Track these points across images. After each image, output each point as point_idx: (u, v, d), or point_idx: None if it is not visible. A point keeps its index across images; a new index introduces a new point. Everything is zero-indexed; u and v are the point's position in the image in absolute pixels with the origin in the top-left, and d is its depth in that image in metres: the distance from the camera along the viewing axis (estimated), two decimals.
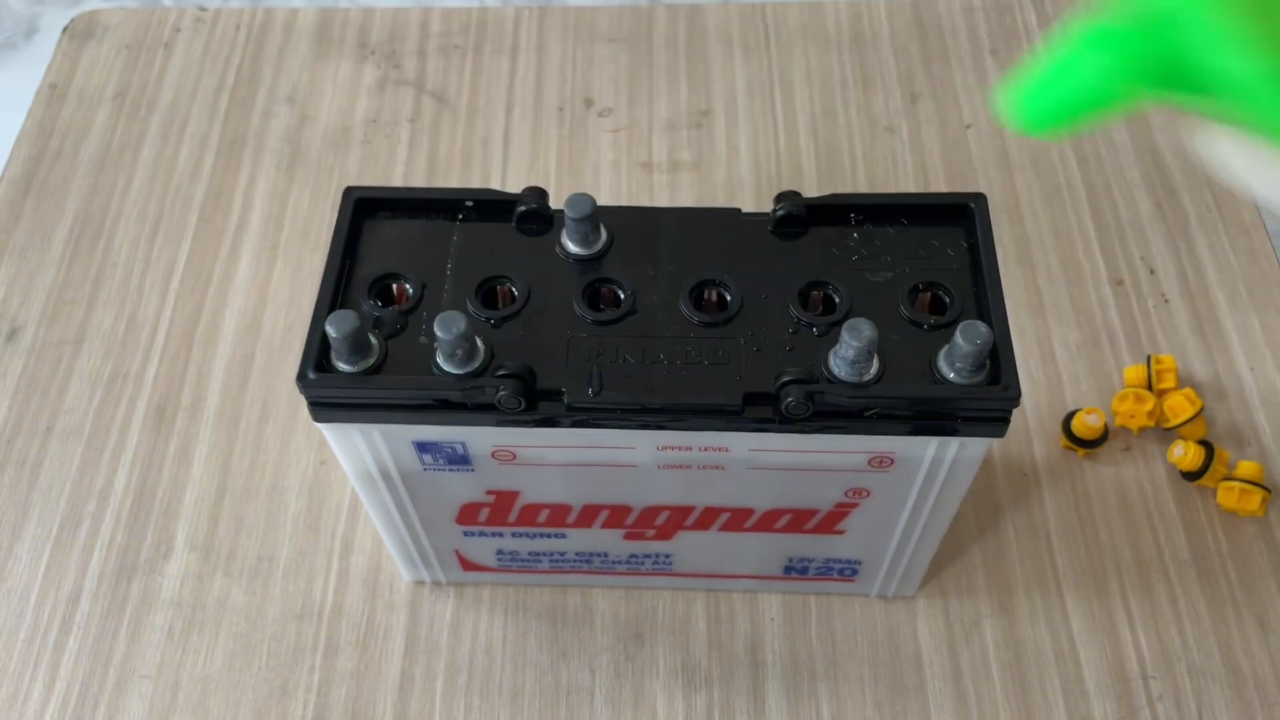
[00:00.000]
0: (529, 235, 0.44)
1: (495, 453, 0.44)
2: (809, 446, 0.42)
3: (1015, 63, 0.76)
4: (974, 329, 0.38)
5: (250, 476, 0.59)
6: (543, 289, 0.43)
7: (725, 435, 0.41)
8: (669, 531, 0.49)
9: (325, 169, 0.71)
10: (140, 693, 0.52)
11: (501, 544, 0.51)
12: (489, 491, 0.47)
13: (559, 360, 0.41)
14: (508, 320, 0.42)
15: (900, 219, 0.44)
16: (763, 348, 0.41)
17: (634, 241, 0.44)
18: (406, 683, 0.53)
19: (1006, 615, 0.54)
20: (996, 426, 0.40)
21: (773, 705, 0.52)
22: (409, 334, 0.41)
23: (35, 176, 0.71)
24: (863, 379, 0.39)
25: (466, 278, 0.43)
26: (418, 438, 0.43)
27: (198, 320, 0.65)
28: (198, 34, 0.79)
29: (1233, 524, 0.56)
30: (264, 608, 0.55)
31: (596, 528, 0.49)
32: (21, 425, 0.61)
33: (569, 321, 0.42)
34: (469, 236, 0.44)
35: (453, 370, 0.40)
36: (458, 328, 0.38)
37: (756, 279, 0.43)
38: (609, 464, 0.44)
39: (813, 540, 0.49)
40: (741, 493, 0.46)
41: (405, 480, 0.46)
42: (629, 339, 0.41)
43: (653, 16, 0.79)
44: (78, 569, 0.56)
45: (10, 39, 1.56)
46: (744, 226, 0.44)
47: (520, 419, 0.40)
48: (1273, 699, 0.51)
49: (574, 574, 0.54)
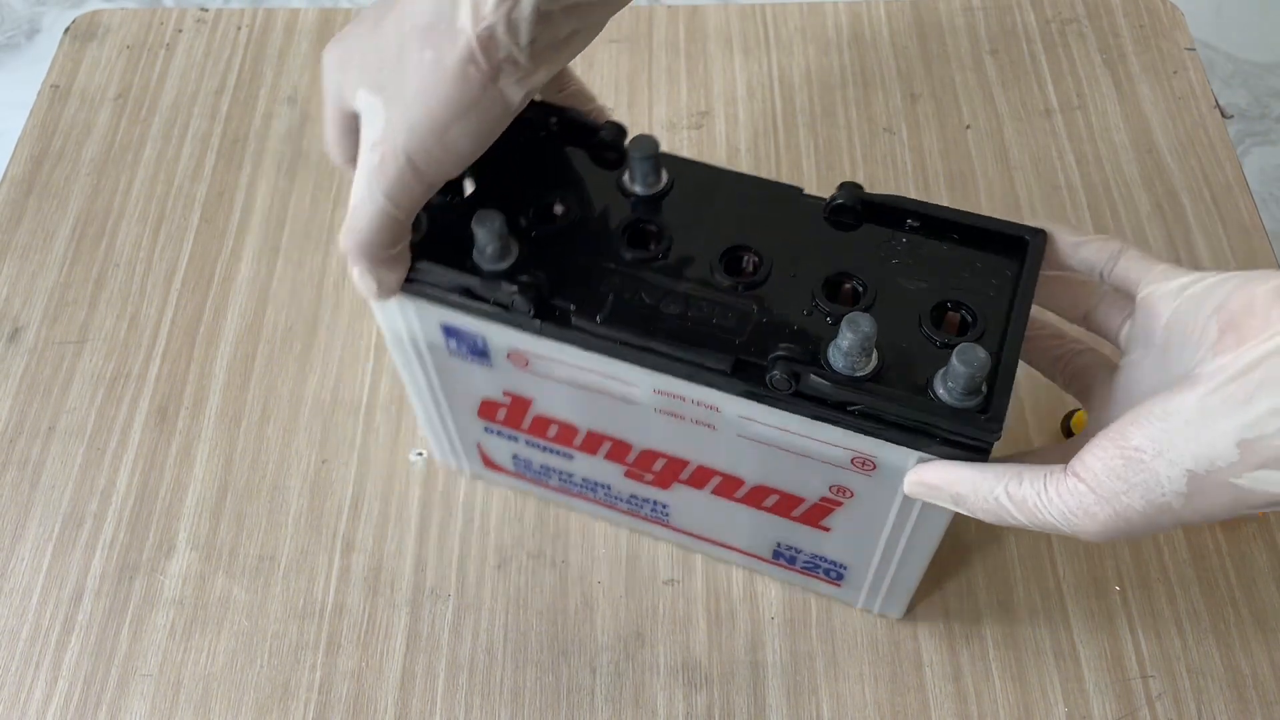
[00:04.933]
0: (600, 165, 0.47)
1: (511, 355, 0.46)
2: (792, 427, 0.42)
3: (1015, 63, 0.76)
4: (971, 353, 0.37)
5: (252, 476, 0.59)
6: (593, 216, 0.45)
7: (715, 395, 0.42)
8: (666, 480, 0.50)
9: (326, 169, 0.71)
10: (142, 691, 0.53)
11: (517, 449, 0.53)
12: (505, 393, 0.49)
13: (582, 282, 0.43)
14: (552, 236, 0.44)
15: (954, 234, 0.44)
16: (772, 322, 0.42)
17: (691, 195, 0.46)
18: (407, 681, 0.53)
19: (1006, 615, 0.54)
20: (975, 454, 0.39)
21: (773, 705, 0.52)
22: (457, 225, 0.44)
23: (37, 177, 0.71)
24: (854, 373, 0.39)
25: (526, 187, 0.46)
26: (445, 321, 0.46)
27: (199, 320, 0.65)
28: (199, 35, 0.79)
29: (1232, 523, 0.57)
30: (265, 606, 0.55)
31: (600, 457, 0.51)
32: (24, 425, 0.61)
33: (605, 251, 0.44)
34: (543, 152, 0.47)
35: (482, 265, 0.43)
36: (492, 226, 0.41)
37: (791, 256, 0.43)
38: (611, 394, 0.45)
39: (799, 530, 0.49)
40: (731, 459, 0.47)
41: (435, 361, 0.49)
42: (652, 281, 0.43)
43: (653, 17, 0.79)
44: (80, 568, 0.56)
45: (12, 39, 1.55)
46: (799, 205, 0.45)
47: (527, 325, 0.43)
48: (1272, 699, 0.52)
49: (579, 499, 0.55)
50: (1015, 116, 0.73)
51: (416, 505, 0.58)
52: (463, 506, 0.58)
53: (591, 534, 0.57)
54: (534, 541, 0.57)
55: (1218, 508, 0.34)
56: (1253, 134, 1.44)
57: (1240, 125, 1.44)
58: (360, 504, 0.58)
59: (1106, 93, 0.74)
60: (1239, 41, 1.52)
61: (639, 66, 0.76)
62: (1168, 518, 0.35)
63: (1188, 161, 0.71)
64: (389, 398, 0.62)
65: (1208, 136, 0.72)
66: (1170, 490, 0.35)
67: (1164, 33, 0.78)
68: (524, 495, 0.58)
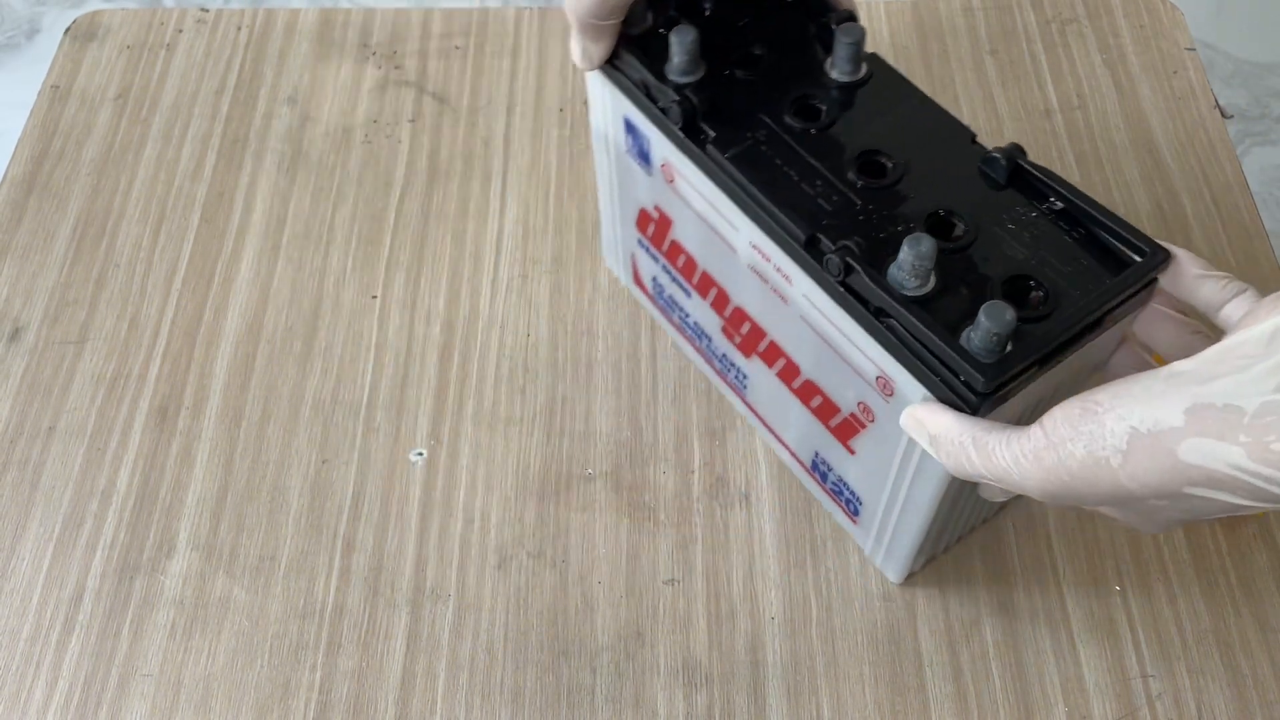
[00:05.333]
0: (819, 42, 0.50)
1: (664, 166, 0.52)
2: (838, 322, 0.45)
3: (1015, 63, 0.76)
4: (998, 310, 0.38)
5: (252, 476, 0.59)
6: (783, 76, 0.49)
7: (789, 264, 0.46)
8: (748, 348, 0.55)
9: (326, 169, 0.71)
10: (142, 692, 0.53)
11: (656, 272, 0.59)
12: (656, 207, 0.55)
13: (735, 121, 0.47)
14: (737, 77, 0.49)
15: (1082, 229, 0.44)
16: (868, 223, 0.44)
17: (876, 96, 0.49)
18: (408, 681, 0.53)
19: (1006, 614, 0.54)
20: (965, 406, 0.40)
21: (773, 705, 0.52)
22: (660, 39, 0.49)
23: (37, 177, 0.71)
24: (901, 288, 0.41)
25: (745, 31, 0.50)
26: (627, 115, 0.52)
27: (200, 320, 0.65)
28: (199, 35, 0.79)
29: (1232, 523, 0.57)
30: (266, 607, 0.55)
31: (708, 303, 0.56)
32: (24, 425, 0.61)
33: (772, 107, 0.48)
34: (782, 12, 0.51)
35: (668, 74, 0.48)
36: (684, 40, 0.47)
37: (923, 183, 0.45)
38: (721, 237, 0.51)
39: (833, 446, 0.52)
40: (794, 341, 0.50)
41: (617, 160, 0.56)
42: (792, 147, 0.47)
43: None
44: (80, 568, 0.56)
45: (12, 39, 1.56)
46: (962, 146, 0.47)
47: (672, 135, 0.49)
48: (1272, 698, 0.52)
49: (689, 343, 0.61)
50: (1015, 116, 0.73)
51: (416, 505, 0.58)
52: (463, 506, 0.58)
53: (592, 534, 0.57)
54: (534, 541, 0.57)
55: (1153, 476, 0.35)
56: (1252, 134, 1.44)
57: (1240, 125, 1.44)
58: (360, 504, 0.58)
59: (1106, 93, 0.74)
60: (1239, 41, 1.52)
61: None
62: (1105, 476, 0.36)
63: (1187, 161, 0.71)
64: (389, 398, 0.62)
65: (1207, 136, 0.72)
66: (1110, 445, 0.35)
67: (1164, 32, 0.78)
68: (524, 495, 0.58)
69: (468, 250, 0.67)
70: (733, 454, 0.59)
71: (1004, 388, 0.40)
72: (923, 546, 0.51)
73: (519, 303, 0.65)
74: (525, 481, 0.59)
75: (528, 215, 0.69)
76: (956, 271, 0.42)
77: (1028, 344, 0.40)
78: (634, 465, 0.59)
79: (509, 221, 0.69)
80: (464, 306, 0.65)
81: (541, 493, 0.58)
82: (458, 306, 0.65)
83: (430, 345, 0.64)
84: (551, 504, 0.58)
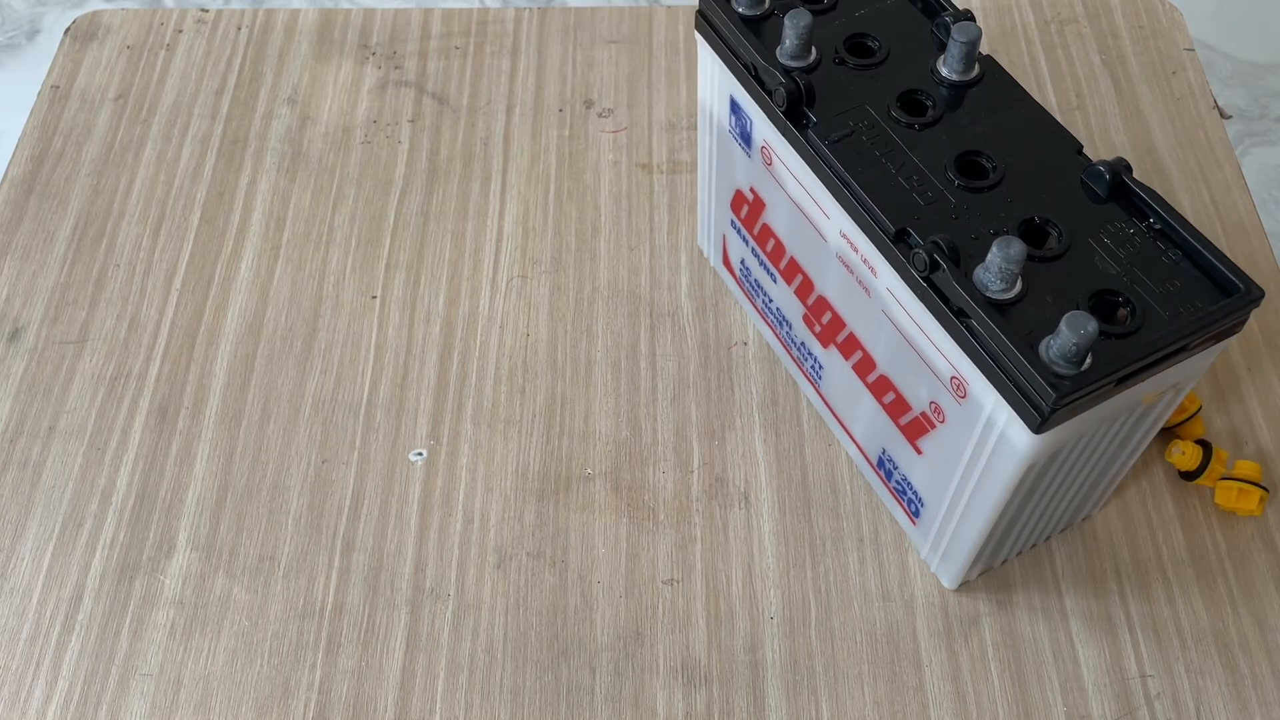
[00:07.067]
0: (935, 39, 0.51)
1: (764, 148, 0.52)
2: (919, 319, 0.45)
3: (1015, 63, 0.76)
4: (1079, 320, 0.38)
5: (252, 476, 0.59)
6: (894, 71, 0.49)
7: (876, 256, 0.46)
8: (827, 338, 0.55)
9: (326, 169, 0.71)
10: (142, 691, 0.53)
11: (745, 254, 0.60)
12: (751, 189, 0.56)
13: (840, 109, 0.48)
14: (848, 66, 0.50)
15: (1179, 251, 0.43)
16: (960, 222, 0.44)
17: (986, 98, 0.49)
18: (407, 681, 0.53)
19: (1005, 614, 0.54)
20: (1030, 413, 0.40)
21: (773, 705, 0.52)
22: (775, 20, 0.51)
23: (38, 177, 0.71)
24: (985, 290, 0.41)
25: (865, 24, 0.51)
26: (733, 93, 0.52)
27: (199, 320, 0.65)
28: (199, 35, 0.79)
29: (1231, 523, 0.57)
30: (266, 606, 0.55)
31: (793, 290, 0.56)
32: (24, 425, 0.61)
33: (879, 100, 0.48)
34: (901, 10, 0.52)
35: (779, 57, 0.49)
36: (797, 24, 0.47)
37: (1023, 190, 0.45)
38: (812, 223, 0.51)
39: (901, 445, 0.52)
40: (872, 335, 0.50)
41: (719, 140, 0.56)
42: (894, 140, 0.47)
43: (653, 17, 0.79)
44: (80, 568, 0.56)
45: (12, 40, 1.56)
46: (1065, 154, 0.47)
47: (774, 117, 0.49)
48: (1271, 699, 0.52)
49: (769, 328, 0.61)
50: None
51: (416, 505, 0.58)
52: (462, 506, 0.58)
53: (591, 534, 0.57)
54: (533, 541, 0.57)
55: None
56: (1252, 134, 1.44)
57: (1239, 125, 1.44)
58: (360, 504, 0.58)
59: (1106, 93, 0.74)
60: (1238, 41, 1.52)
61: (639, 66, 0.77)
62: None
63: (1186, 162, 0.71)
64: (389, 398, 0.62)
65: (1206, 137, 0.72)
66: None
67: (1163, 33, 0.78)
68: (523, 495, 0.58)
69: (467, 250, 0.68)
70: (732, 454, 0.59)
71: (1074, 401, 0.39)
72: (980, 555, 0.51)
73: (519, 303, 0.65)
74: (525, 481, 0.59)
75: (527, 215, 0.69)
76: (1045, 280, 0.42)
77: (1107, 359, 0.40)
78: (633, 465, 0.59)
79: (509, 221, 0.69)
80: (464, 306, 0.65)
81: (541, 493, 0.58)
82: (457, 306, 0.65)
83: (430, 345, 0.64)
84: (551, 504, 0.58)
